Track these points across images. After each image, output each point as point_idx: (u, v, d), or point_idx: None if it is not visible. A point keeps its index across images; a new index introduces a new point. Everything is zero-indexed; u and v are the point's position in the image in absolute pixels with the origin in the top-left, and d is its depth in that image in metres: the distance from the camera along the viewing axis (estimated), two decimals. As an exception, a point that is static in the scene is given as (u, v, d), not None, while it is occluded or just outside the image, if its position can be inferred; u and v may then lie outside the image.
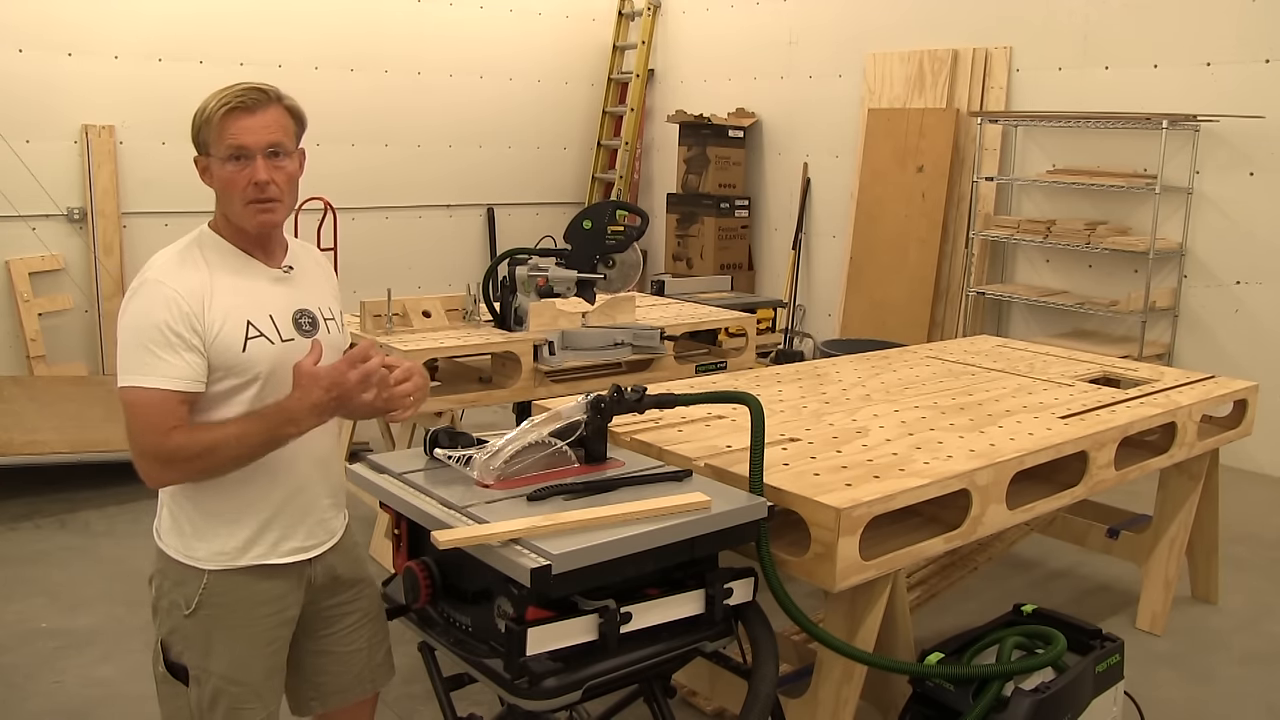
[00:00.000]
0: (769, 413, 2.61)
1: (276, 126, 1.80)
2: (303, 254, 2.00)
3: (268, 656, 1.90)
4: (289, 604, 1.92)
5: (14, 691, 3.03)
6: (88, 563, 3.94)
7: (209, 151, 1.80)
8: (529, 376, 3.84)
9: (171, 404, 1.72)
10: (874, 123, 6.89)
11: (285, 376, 1.80)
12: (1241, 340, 5.43)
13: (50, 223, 6.08)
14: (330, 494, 1.98)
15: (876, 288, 6.85)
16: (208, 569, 1.84)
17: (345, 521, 2.07)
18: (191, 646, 1.87)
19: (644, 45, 8.34)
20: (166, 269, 1.77)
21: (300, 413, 1.74)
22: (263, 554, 1.87)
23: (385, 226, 7.52)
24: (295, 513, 1.90)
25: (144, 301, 1.74)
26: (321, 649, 2.03)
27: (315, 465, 1.92)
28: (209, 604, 1.85)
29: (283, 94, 1.83)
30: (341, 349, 1.98)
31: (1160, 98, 5.57)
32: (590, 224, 3.85)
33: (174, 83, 6.38)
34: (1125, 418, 3.00)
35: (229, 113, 1.76)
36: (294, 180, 1.85)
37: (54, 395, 5.35)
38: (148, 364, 1.71)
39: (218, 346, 1.76)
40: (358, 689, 2.08)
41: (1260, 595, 3.87)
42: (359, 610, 2.06)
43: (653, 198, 8.57)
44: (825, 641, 2.23)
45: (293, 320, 1.87)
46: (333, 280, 2.06)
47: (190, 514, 1.86)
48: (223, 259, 1.83)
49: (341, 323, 2.01)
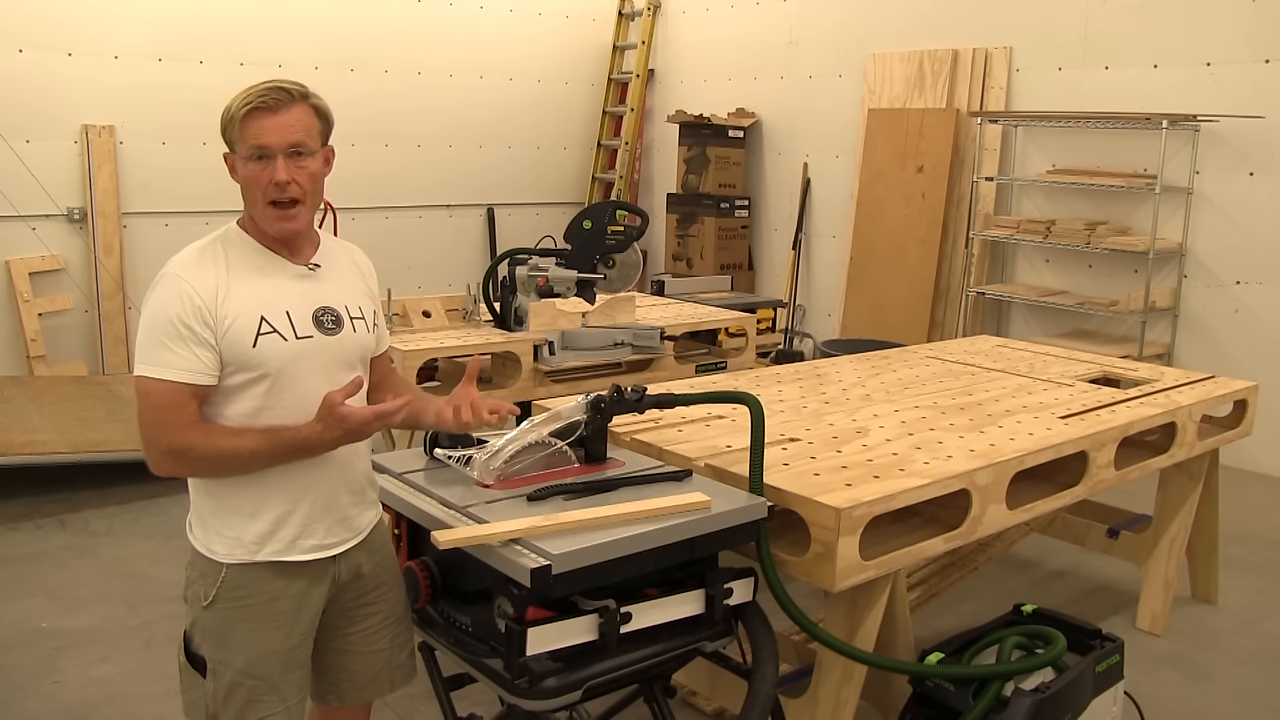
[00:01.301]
0: (769, 413, 2.61)
1: (299, 126, 1.81)
2: (339, 252, 2.00)
3: (287, 652, 1.89)
4: (310, 600, 1.91)
5: (14, 691, 3.03)
6: (88, 563, 3.94)
7: (235, 150, 1.82)
8: (529, 376, 3.84)
9: (182, 396, 1.75)
10: (874, 123, 6.89)
11: (298, 374, 1.83)
12: (1241, 340, 5.43)
13: (50, 223, 6.07)
14: (353, 490, 1.96)
15: (876, 288, 6.85)
16: (225, 563, 1.85)
17: (376, 518, 2.05)
18: (210, 639, 1.88)
19: (644, 45, 8.34)
20: (185, 264, 1.81)
21: (318, 446, 1.80)
22: (280, 550, 1.86)
23: (385, 226, 7.51)
24: (314, 510, 1.89)
25: (160, 295, 1.78)
26: (343, 648, 2.02)
27: (336, 463, 1.90)
28: (226, 597, 1.85)
29: (309, 92, 1.85)
30: (369, 349, 1.99)
31: (1160, 98, 5.57)
32: (590, 224, 3.86)
33: (174, 83, 6.38)
34: (1125, 418, 3.00)
35: (251, 112, 1.78)
36: (318, 180, 1.86)
37: (54, 395, 5.34)
38: (160, 356, 1.75)
39: (228, 341, 1.77)
40: (374, 688, 2.08)
41: (1260, 595, 3.87)
42: (383, 612, 2.04)
43: (653, 198, 8.57)
44: (825, 641, 2.24)
45: (313, 317, 1.87)
46: (369, 280, 2.05)
47: (210, 506, 1.87)
48: (244, 255, 1.85)
49: (373, 323, 1.99)
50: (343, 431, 1.78)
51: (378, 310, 2.04)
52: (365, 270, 2.05)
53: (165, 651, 3.26)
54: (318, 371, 1.84)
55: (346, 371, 1.90)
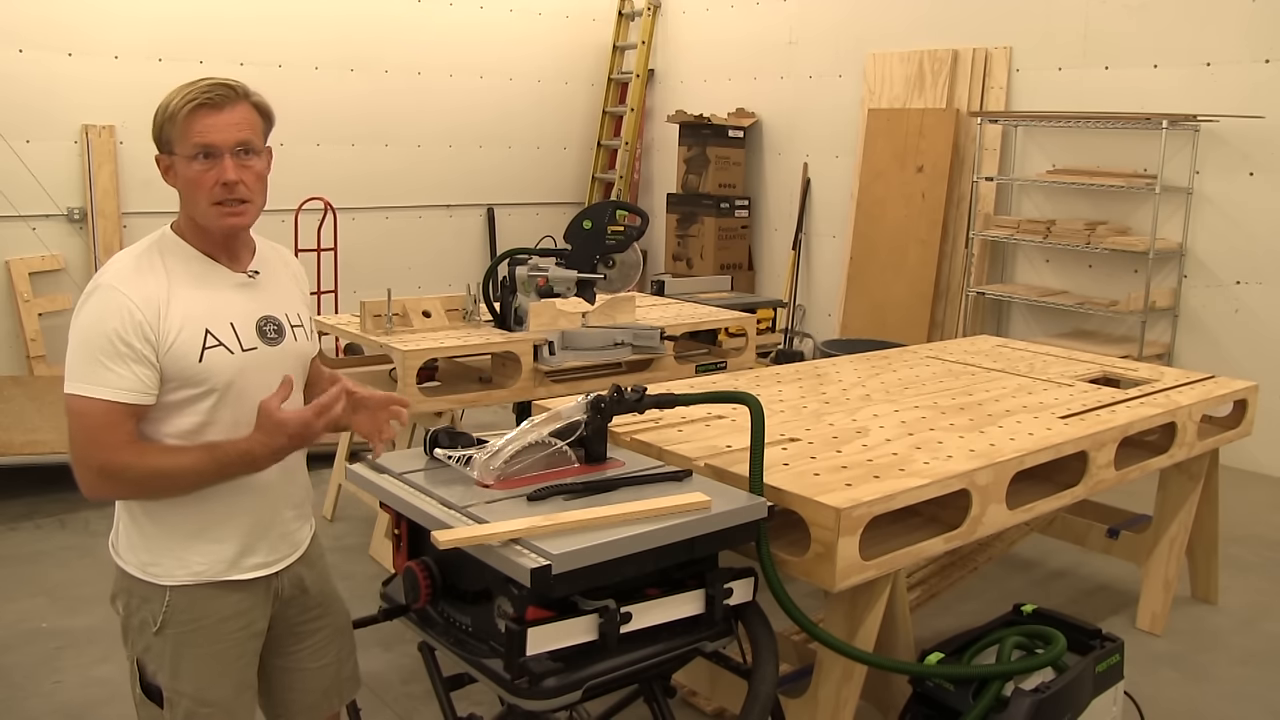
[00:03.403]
0: (769, 413, 2.61)
1: (245, 124, 1.74)
2: (272, 256, 1.92)
3: (237, 672, 1.85)
4: (256, 617, 1.87)
5: (14, 691, 3.03)
6: (88, 563, 3.94)
7: (173, 150, 1.74)
8: (529, 376, 3.84)
9: (117, 416, 1.65)
10: (874, 123, 6.89)
11: (245, 387, 1.76)
12: (1241, 340, 5.43)
13: (50, 223, 6.08)
14: (294, 505, 1.93)
15: (876, 288, 6.85)
16: (168, 585, 1.78)
17: (311, 531, 2.01)
18: (162, 667, 1.81)
19: (644, 45, 8.34)
20: (122, 274, 1.70)
21: (263, 458, 1.71)
22: (223, 570, 1.81)
23: (385, 227, 7.52)
24: (257, 528, 1.84)
25: (96, 308, 1.67)
26: (290, 665, 1.98)
27: (278, 478, 1.84)
28: (173, 621, 1.78)
29: (250, 90, 1.78)
30: (309, 357, 1.94)
31: (1160, 98, 5.57)
32: (590, 224, 3.85)
33: (174, 83, 6.19)
34: (1125, 418, 3.00)
35: (195, 109, 1.70)
36: (263, 180, 1.79)
37: (54, 395, 5.34)
38: (95, 374, 1.65)
39: (172, 356, 1.69)
40: (325, 705, 2.04)
41: (1260, 595, 3.87)
42: (328, 625, 2.01)
43: (653, 198, 8.57)
44: (825, 641, 2.23)
45: (256, 328, 1.80)
46: (303, 283, 2.00)
47: (146, 529, 1.79)
48: (184, 264, 1.76)
49: (310, 329, 1.94)
50: (286, 438, 1.70)
51: (312, 315, 1.99)
52: (298, 274, 1.99)
53: (165, 651, 3.26)
54: (262, 384, 1.75)
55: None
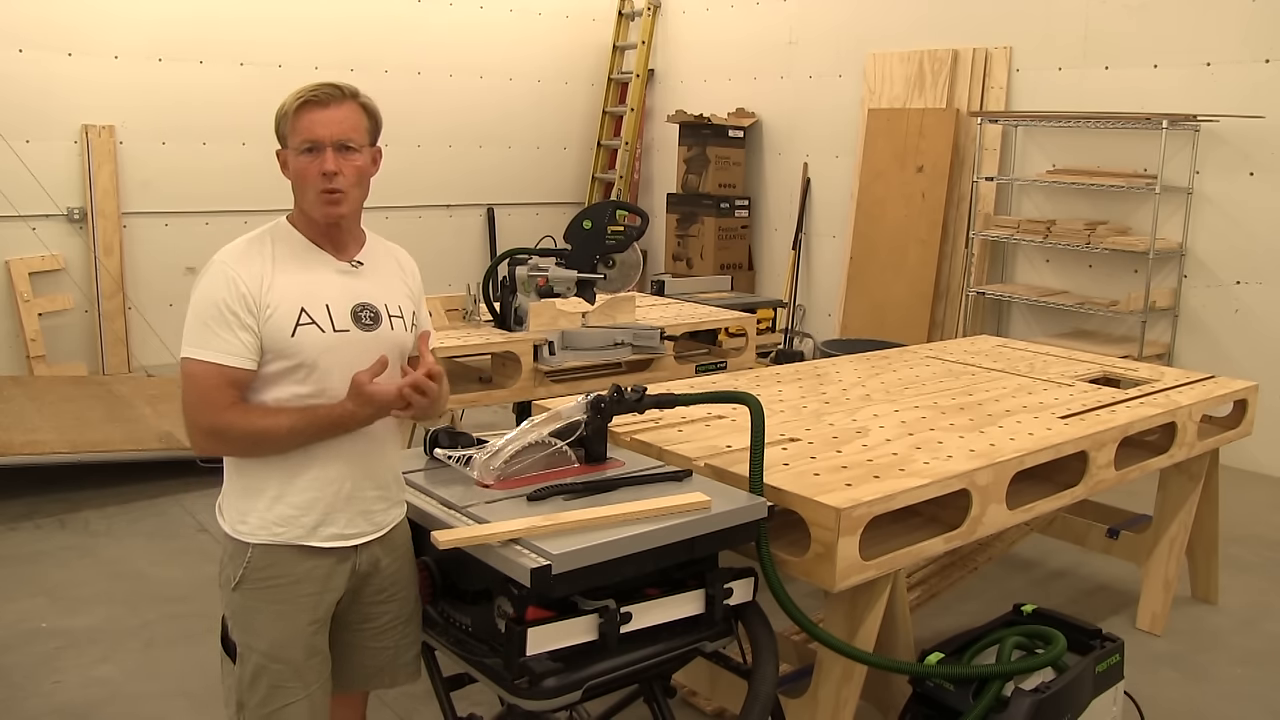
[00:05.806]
0: (769, 413, 2.61)
1: (348, 122, 1.89)
2: (382, 251, 2.06)
3: (307, 637, 1.93)
4: (332, 586, 1.94)
5: (14, 691, 3.03)
6: (88, 563, 3.94)
7: (287, 144, 1.90)
8: (529, 376, 3.84)
9: (223, 378, 1.82)
10: (874, 123, 6.89)
11: (335, 365, 1.88)
12: (1241, 340, 5.43)
13: (50, 223, 6.08)
14: (378, 486, 1.99)
15: (876, 288, 6.85)
16: (252, 542, 1.90)
17: (400, 517, 2.06)
18: (238, 622, 1.93)
19: (644, 45, 8.34)
20: (233, 253, 1.89)
21: (351, 423, 1.87)
22: (301, 535, 1.90)
23: (385, 226, 7.45)
24: (337, 499, 1.92)
25: (208, 281, 1.86)
26: (353, 641, 2.05)
27: (362, 456, 1.95)
28: (252, 578, 1.90)
29: (359, 92, 1.93)
30: (407, 347, 2.02)
31: (1160, 98, 5.57)
32: (590, 224, 3.85)
33: (174, 83, 6.38)
34: (1125, 418, 3.00)
35: (303, 106, 1.87)
36: (364, 175, 1.93)
37: (54, 395, 5.34)
38: (206, 339, 1.83)
39: (269, 328, 1.85)
40: (374, 681, 2.10)
41: (1260, 595, 3.87)
42: (392, 612, 2.05)
43: (653, 198, 8.57)
44: (825, 641, 2.24)
45: (352, 313, 1.93)
46: (413, 281, 2.10)
47: (238, 487, 1.93)
48: (290, 249, 1.92)
49: (411, 322, 2.03)
50: (373, 409, 1.84)
51: (418, 310, 2.08)
52: (409, 271, 2.10)
53: (165, 651, 3.26)
54: (352, 364, 1.87)
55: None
